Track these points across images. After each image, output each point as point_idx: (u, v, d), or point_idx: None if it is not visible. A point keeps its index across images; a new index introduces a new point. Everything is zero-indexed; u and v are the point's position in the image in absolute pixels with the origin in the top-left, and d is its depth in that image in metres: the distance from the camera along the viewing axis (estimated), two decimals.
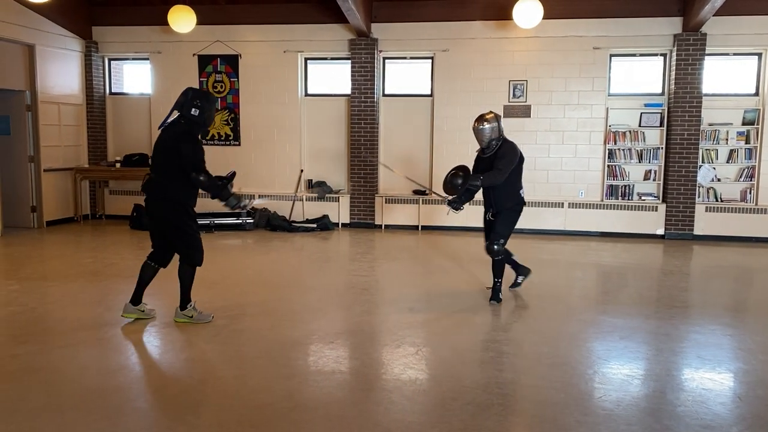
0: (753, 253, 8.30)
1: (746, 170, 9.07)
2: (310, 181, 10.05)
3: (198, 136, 4.67)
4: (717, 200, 9.19)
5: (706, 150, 9.13)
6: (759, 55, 8.99)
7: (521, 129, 9.34)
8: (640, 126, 9.28)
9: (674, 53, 8.95)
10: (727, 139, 9.09)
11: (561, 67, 9.30)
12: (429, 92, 9.81)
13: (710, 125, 9.09)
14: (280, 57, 9.95)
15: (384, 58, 9.86)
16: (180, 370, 3.98)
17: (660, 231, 9.21)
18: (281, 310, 5.26)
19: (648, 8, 8.95)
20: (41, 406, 3.34)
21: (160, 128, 4.71)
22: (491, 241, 5.42)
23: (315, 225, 9.65)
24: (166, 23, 9.07)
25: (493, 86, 9.47)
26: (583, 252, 8.28)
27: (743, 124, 9.06)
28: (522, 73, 9.42)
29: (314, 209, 9.99)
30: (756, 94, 9.05)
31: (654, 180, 9.31)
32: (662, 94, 9.30)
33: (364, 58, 9.60)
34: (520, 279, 5.95)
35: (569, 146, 9.43)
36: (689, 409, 3.40)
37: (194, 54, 10.14)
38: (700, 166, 9.10)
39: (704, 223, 9.10)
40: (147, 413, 3.39)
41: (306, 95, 10.13)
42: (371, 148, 9.68)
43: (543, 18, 8.20)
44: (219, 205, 4.95)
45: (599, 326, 4.93)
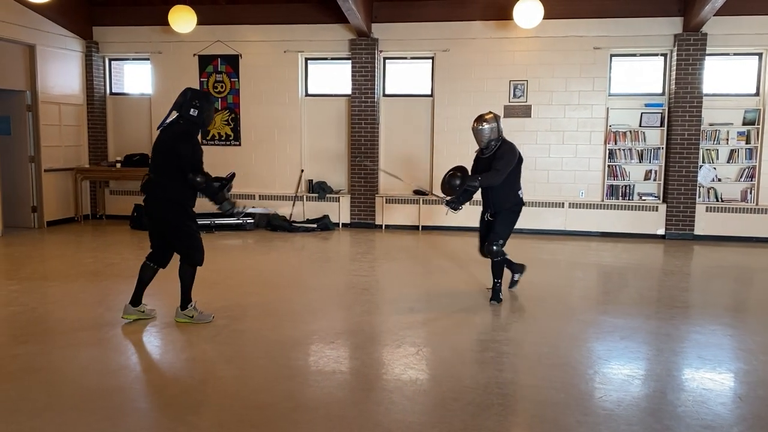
0: (753, 253, 8.30)
1: (747, 170, 9.07)
2: (311, 182, 10.05)
3: (197, 137, 4.67)
4: (717, 200, 9.19)
5: (707, 150, 9.12)
6: (759, 55, 8.99)
7: (522, 129, 9.34)
8: (641, 126, 9.28)
9: (675, 53, 8.95)
10: (728, 139, 9.09)
11: (561, 67, 9.30)
12: (429, 92, 9.81)
13: (711, 125, 9.09)
14: (281, 57, 9.95)
15: (384, 58, 9.86)
16: (181, 371, 3.99)
17: (660, 231, 9.21)
18: (282, 311, 5.26)
19: (648, 8, 8.95)
20: (42, 406, 3.35)
21: (159, 128, 4.71)
22: (490, 242, 5.41)
23: (315, 225, 9.65)
24: (167, 23, 9.07)
25: (494, 86, 9.47)
26: (584, 252, 8.28)
27: (744, 124, 9.06)
28: (522, 73, 9.42)
29: (315, 209, 10.00)
30: (756, 94, 9.05)
31: (654, 180, 9.31)
32: (663, 94, 9.30)
33: (365, 58, 9.60)
34: (517, 276, 5.95)
35: (570, 146, 9.43)
36: (690, 410, 3.40)
37: (195, 54, 10.14)
38: (701, 166, 9.10)
39: (705, 223, 9.10)
40: (148, 413, 3.39)
41: (306, 95, 10.14)
42: (371, 152, 9.68)
43: (543, 18, 8.20)
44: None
45: (600, 326, 4.93)
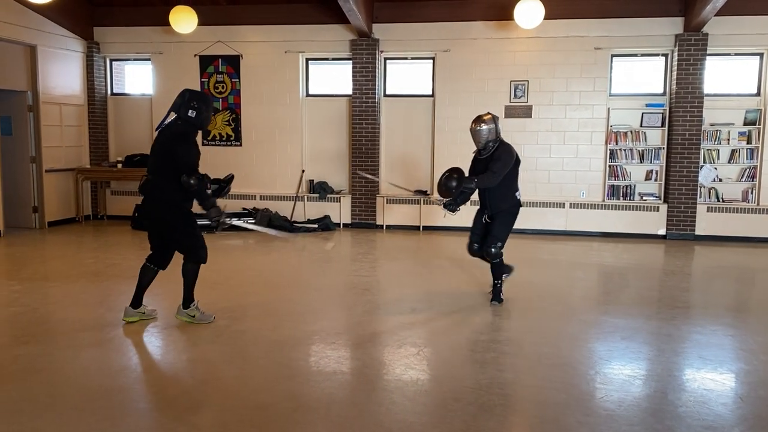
0: (754, 254, 8.29)
1: (748, 170, 9.05)
2: (312, 182, 10.05)
3: (195, 138, 4.65)
4: (718, 200, 9.18)
5: (708, 150, 9.11)
6: (760, 55, 8.98)
7: (522, 129, 9.34)
8: (642, 126, 9.27)
9: (675, 53, 8.94)
10: (729, 140, 9.07)
11: (562, 68, 9.30)
12: (430, 93, 9.80)
13: (712, 125, 9.08)
14: (282, 57, 9.96)
15: (385, 59, 9.86)
16: (181, 371, 3.99)
17: (661, 231, 9.20)
18: (283, 311, 5.26)
19: (649, 8, 8.94)
20: (43, 407, 3.35)
21: (157, 130, 4.71)
22: (489, 245, 5.40)
23: (316, 225, 9.65)
24: (168, 24, 9.07)
25: (495, 86, 9.47)
26: (585, 252, 8.28)
27: (745, 124, 9.05)
28: (523, 74, 9.41)
29: (315, 209, 10.00)
30: (757, 94, 9.04)
31: (655, 180, 9.30)
32: (664, 94, 9.29)
33: (366, 59, 9.60)
34: (504, 277, 5.88)
35: (570, 146, 9.42)
36: (691, 410, 3.40)
37: (195, 54, 10.14)
38: (702, 167, 9.09)
39: (706, 224, 9.09)
40: (148, 414, 3.39)
41: (307, 96, 10.13)
42: (370, 157, 9.68)
43: (544, 18, 8.20)
44: (224, 203, 4.92)
45: (601, 327, 4.93)
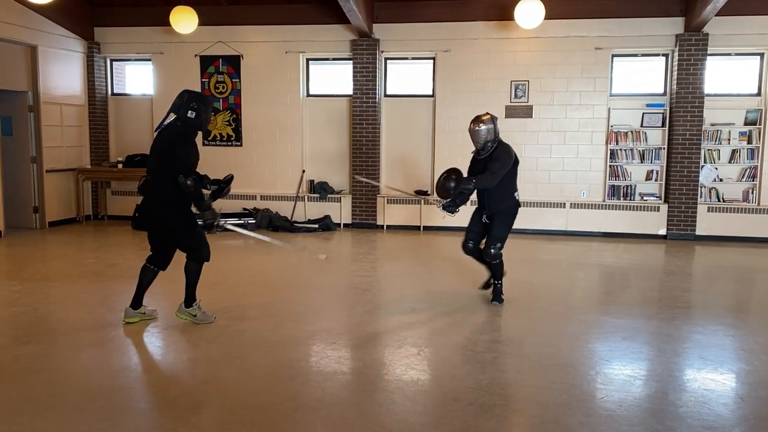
0: (755, 254, 8.29)
1: (748, 170, 9.05)
2: (312, 182, 10.05)
3: (194, 139, 4.65)
4: (719, 200, 9.18)
5: (708, 150, 9.11)
6: (761, 55, 8.97)
7: (523, 129, 9.34)
8: (642, 126, 9.27)
9: (676, 53, 8.94)
10: (729, 140, 9.07)
11: (563, 68, 9.30)
12: (431, 93, 9.80)
13: (712, 125, 9.08)
14: (282, 57, 9.96)
15: (385, 59, 9.86)
16: (182, 371, 3.99)
17: (662, 231, 9.20)
18: (283, 311, 5.26)
19: (650, 8, 8.94)
20: (44, 407, 3.35)
21: (157, 131, 4.71)
22: (488, 246, 5.39)
23: (317, 225, 9.65)
24: (168, 24, 9.07)
25: (495, 87, 9.47)
26: (585, 252, 8.28)
27: (745, 124, 9.04)
28: (524, 74, 9.41)
29: (316, 210, 10.00)
30: (758, 94, 9.03)
31: (656, 180, 9.30)
32: (664, 95, 9.29)
33: (366, 59, 9.60)
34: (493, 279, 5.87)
35: (571, 146, 9.42)
36: (691, 410, 3.40)
37: (196, 55, 10.14)
38: (702, 167, 9.09)
39: (706, 224, 9.09)
40: (149, 414, 3.40)
41: (308, 96, 10.14)
42: (371, 157, 9.68)
43: (545, 18, 8.20)
44: (220, 206, 4.92)
45: (601, 327, 4.93)
